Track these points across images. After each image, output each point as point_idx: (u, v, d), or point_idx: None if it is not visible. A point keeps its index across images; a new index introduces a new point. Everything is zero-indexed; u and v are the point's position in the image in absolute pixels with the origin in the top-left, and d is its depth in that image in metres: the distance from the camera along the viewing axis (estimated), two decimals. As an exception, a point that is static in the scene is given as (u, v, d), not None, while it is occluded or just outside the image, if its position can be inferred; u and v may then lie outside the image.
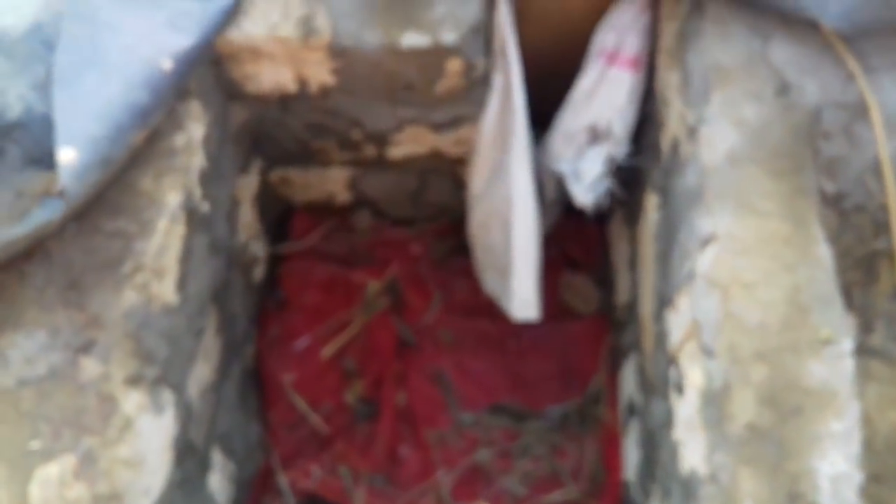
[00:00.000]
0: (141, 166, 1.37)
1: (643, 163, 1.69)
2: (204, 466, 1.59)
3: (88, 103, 1.26)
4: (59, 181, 1.18)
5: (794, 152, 1.35)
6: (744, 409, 1.17)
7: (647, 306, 1.64)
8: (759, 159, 1.34)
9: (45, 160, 1.31)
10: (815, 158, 1.34)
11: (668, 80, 1.54)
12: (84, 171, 1.21)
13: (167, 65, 1.34)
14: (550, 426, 1.94)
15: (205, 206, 1.50)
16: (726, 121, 1.37)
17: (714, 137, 1.36)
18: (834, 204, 1.30)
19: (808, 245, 1.27)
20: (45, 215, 1.21)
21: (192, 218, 1.43)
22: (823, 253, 1.26)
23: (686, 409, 1.32)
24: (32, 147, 1.31)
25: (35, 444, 1.16)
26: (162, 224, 1.33)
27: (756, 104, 1.39)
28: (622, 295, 1.92)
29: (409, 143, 1.85)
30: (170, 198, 1.36)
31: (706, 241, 1.29)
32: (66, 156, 1.21)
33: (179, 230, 1.38)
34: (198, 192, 1.46)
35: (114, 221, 1.32)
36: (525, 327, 2.05)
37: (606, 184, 1.67)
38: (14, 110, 1.30)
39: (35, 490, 1.12)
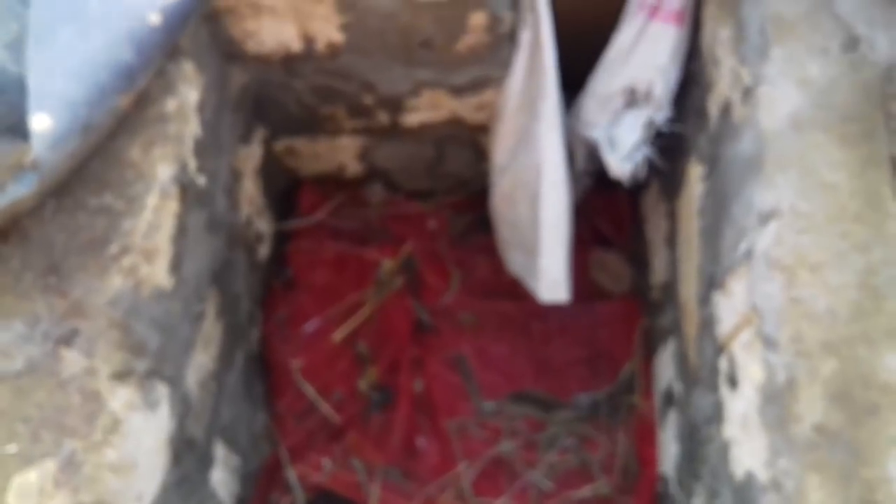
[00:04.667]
0: (128, 135, 1.22)
1: (686, 129, 1.53)
2: (205, 462, 1.47)
3: (65, 62, 1.11)
4: (32, 151, 1.04)
5: (864, 115, 1.19)
6: (811, 408, 1.03)
7: (689, 288, 1.49)
8: (825, 124, 1.18)
9: (20, 128, 1.16)
10: (888, 123, 1.19)
11: (719, 34, 1.37)
12: (60, 140, 1.07)
13: (155, 19, 1.19)
14: (579, 416, 1.81)
15: (201, 180, 1.36)
16: (788, 80, 1.21)
17: (774, 99, 1.20)
18: (911, 174, 1.15)
19: (882, 221, 1.12)
20: (18, 190, 1.07)
21: (187, 193, 1.29)
22: (902, 230, 1.10)
23: (740, 405, 1.17)
24: (6, 113, 1.16)
25: (11, 448, 1.02)
26: (152, 200, 1.19)
27: (821, 60, 1.23)
28: (658, 274, 1.77)
29: (426, 109, 1.70)
30: (161, 170, 1.21)
31: (766, 217, 1.14)
32: (40, 123, 1.06)
33: (172, 206, 1.24)
34: (193, 163, 1.32)
35: (98, 197, 1.17)
36: (551, 309, 1.92)
37: (645, 152, 1.52)
38: (-16, 72, 1.15)
39: (12, 500, 0.99)
